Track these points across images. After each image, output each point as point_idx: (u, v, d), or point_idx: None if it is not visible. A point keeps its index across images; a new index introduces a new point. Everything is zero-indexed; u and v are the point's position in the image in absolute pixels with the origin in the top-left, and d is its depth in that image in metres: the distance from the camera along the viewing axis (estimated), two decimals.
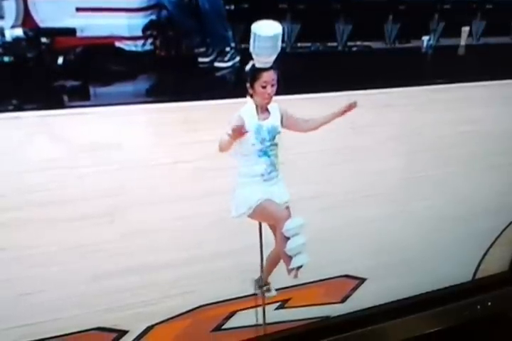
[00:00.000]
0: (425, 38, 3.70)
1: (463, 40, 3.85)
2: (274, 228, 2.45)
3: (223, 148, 2.16)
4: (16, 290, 2.78)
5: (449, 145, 3.75)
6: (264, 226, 2.56)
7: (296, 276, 2.31)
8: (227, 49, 3.13)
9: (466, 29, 3.83)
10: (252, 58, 2.18)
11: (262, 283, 2.79)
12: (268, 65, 2.18)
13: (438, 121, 3.66)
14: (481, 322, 4.20)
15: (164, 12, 2.98)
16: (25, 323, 2.85)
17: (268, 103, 2.24)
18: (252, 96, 2.23)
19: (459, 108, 3.73)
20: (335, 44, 3.44)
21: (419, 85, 3.57)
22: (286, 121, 2.32)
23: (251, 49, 2.13)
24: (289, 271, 2.32)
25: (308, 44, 3.37)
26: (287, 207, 2.43)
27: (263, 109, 2.26)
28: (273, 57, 2.16)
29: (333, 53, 3.45)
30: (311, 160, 3.23)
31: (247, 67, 2.22)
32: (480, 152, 3.91)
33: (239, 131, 2.08)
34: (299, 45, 3.33)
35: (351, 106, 2.38)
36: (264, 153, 2.26)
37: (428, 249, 3.95)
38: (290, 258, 2.29)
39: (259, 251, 2.66)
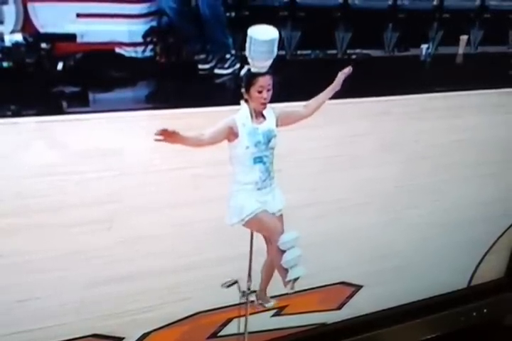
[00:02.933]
0: (424, 46, 3.71)
1: (461, 49, 3.86)
2: (267, 239, 2.45)
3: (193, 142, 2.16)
4: (12, 297, 2.76)
5: (444, 153, 3.78)
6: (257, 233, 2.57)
7: (292, 288, 2.32)
8: (228, 56, 3.12)
9: (464, 38, 3.84)
10: (248, 63, 2.19)
11: (248, 291, 2.79)
12: (264, 70, 2.18)
13: (433, 129, 3.69)
14: (476, 329, 4.22)
15: (165, 19, 2.97)
16: (21, 330, 2.83)
17: (264, 108, 2.25)
18: (247, 101, 2.24)
19: (455, 116, 3.75)
20: (334, 52, 3.44)
21: (417, 93, 3.59)
22: (284, 120, 2.32)
23: (247, 53, 2.14)
24: (286, 283, 2.32)
25: (308, 51, 3.36)
26: (281, 216, 2.44)
27: (258, 114, 2.26)
28: (269, 62, 2.17)
29: (333, 61, 3.46)
30: (305, 167, 3.24)
31: (243, 72, 2.22)
32: (474, 160, 3.94)
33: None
34: (298, 52, 3.32)
35: (346, 73, 2.38)
36: (260, 159, 2.26)
37: (423, 256, 3.98)
38: (286, 270, 2.30)
39: (248, 258, 2.69)
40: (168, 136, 2.01)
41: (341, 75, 2.41)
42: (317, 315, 3.73)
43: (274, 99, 2.24)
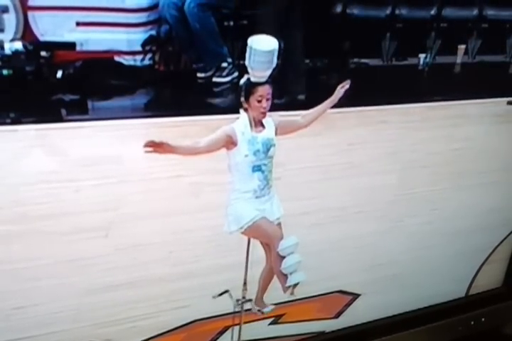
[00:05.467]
0: (422, 56, 3.73)
1: (459, 58, 3.88)
2: (266, 246, 2.46)
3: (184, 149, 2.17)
4: (9, 304, 2.76)
5: (443, 162, 3.79)
6: (254, 242, 2.58)
7: (292, 294, 2.32)
8: (225, 64, 3.14)
9: (462, 47, 3.86)
10: (247, 72, 2.20)
11: (243, 299, 2.79)
12: (263, 80, 2.20)
13: (432, 138, 3.69)
14: (474, 338, 4.21)
15: (164, 27, 2.99)
16: (18, 337, 2.83)
17: (263, 117, 2.27)
18: (246, 110, 2.25)
19: (453, 125, 3.76)
20: None
21: (415, 102, 3.61)
22: (282, 129, 2.34)
23: (247, 63, 2.16)
24: (285, 289, 2.33)
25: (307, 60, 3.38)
26: (279, 224, 2.45)
27: (258, 123, 2.27)
28: (269, 72, 2.20)
29: (331, 70, 3.47)
30: (304, 175, 3.25)
31: (242, 81, 2.24)
32: (473, 169, 3.94)
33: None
34: None
35: (344, 87, 2.42)
36: (258, 167, 2.27)
37: (421, 265, 3.97)
38: (285, 276, 2.31)
39: (244, 266, 2.70)
40: (156, 146, 2.03)
41: (340, 89, 2.45)
42: (315, 324, 3.72)
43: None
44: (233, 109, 2.38)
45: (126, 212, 2.85)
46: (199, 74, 3.15)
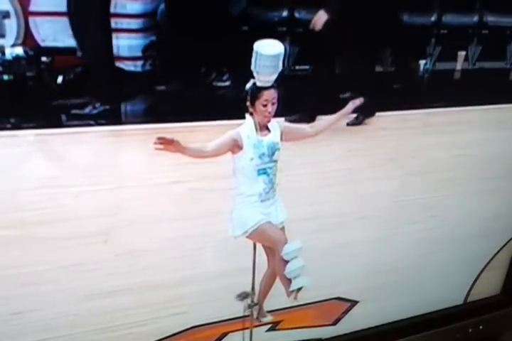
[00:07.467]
0: (422, 62, 3.73)
1: (459, 65, 3.88)
2: (268, 250, 2.48)
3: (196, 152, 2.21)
4: (7, 309, 2.76)
5: (443, 168, 3.78)
6: (260, 246, 2.58)
7: (295, 298, 2.35)
8: (224, 69, 3.15)
9: (462, 54, 3.86)
10: (253, 77, 2.22)
11: (252, 303, 2.80)
12: (269, 84, 2.23)
13: (433, 144, 3.69)
14: None
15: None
16: None
17: (268, 121, 2.30)
18: (252, 114, 2.27)
19: (454, 132, 3.76)
20: None
21: (415, 108, 3.61)
22: (288, 135, 2.37)
23: (252, 67, 2.18)
24: (289, 293, 2.36)
25: (307, 67, 3.38)
26: (283, 228, 2.47)
27: (263, 127, 2.30)
28: (274, 76, 2.22)
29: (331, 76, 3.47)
30: (305, 182, 3.25)
31: (248, 86, 2.26)
32: (473, 176, 3.94)
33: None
34: (297, 67, 3.34)
35: (355, 103, 2.43)
36: (263, 170, 2.30)
37: (420, 272, 3.96)
38: (289, 280, 2.33)
39: (251, 271, 2.69)
40: (167, 144, 2.05)
41: (351, 105, 2.46)
42: (312, 331, 3.71)
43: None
44: (232, 114, 2.39)
45: (125, 217, 2.85)
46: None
